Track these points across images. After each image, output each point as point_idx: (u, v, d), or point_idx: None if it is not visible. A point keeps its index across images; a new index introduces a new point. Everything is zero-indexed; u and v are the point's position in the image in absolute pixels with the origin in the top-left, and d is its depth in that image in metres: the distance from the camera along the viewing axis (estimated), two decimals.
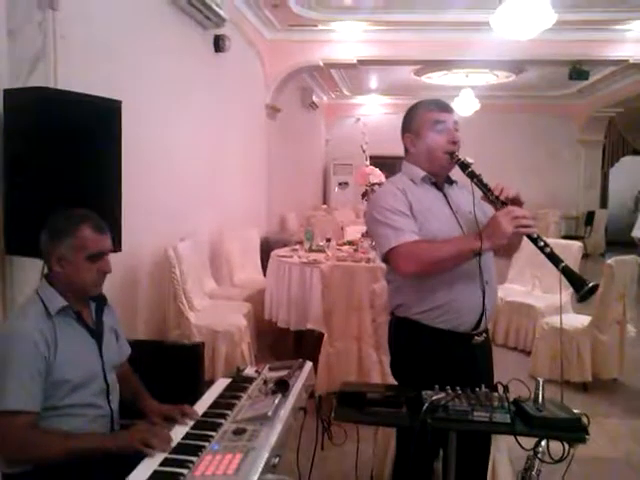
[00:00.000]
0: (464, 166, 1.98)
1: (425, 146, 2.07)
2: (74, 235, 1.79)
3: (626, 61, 7.46)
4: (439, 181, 2.12)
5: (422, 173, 2.10)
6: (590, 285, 1.75)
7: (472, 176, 1.96)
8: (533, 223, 1.84)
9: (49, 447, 1.66)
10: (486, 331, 2.12)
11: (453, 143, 2.03)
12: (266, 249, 6.01)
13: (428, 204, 2.05)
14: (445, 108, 2.08)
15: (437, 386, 1.73)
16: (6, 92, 2.44)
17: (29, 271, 2.55)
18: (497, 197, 1.90)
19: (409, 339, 2.09)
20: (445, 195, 2.11)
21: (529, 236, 1.84)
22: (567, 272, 1.79)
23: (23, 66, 2.75)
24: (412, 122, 2.11)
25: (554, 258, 1.81)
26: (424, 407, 1.65)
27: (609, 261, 4.20)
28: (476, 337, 2.05)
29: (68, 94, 2.44)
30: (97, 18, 3.47)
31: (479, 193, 1.97)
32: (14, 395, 1.65)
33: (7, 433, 1.66)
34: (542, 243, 1.82)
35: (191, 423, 1.73)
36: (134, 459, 1.51)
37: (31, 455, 1.68)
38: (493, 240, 1.84)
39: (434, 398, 1.68)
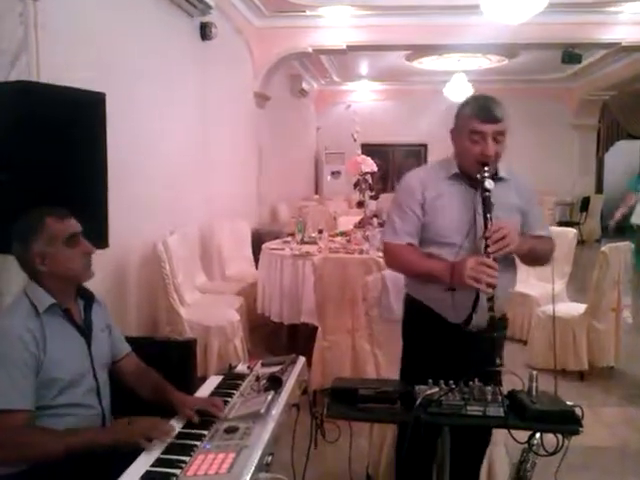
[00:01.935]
0: (483, 189, 1.96)
1: (460, 148, 2.09)
2: (42, 229, 1.79)
3: (618, 44, 7.40)
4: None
5: (454, 170, 2.11)
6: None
7: (484, 202, 1.95)
8: (494, 282, 1.84)
9: (46, 445, 1.65)
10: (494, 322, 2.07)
11: (485, 156, 1.99)
12: (257, 241, 5.94)
13: (446, 201, 2.09)
14: (488, 119, 1.99)
15: (431, 380, 1.74)
16: None
17: (14, 269, 2.50)
18: (487, 239, 1.90)
19: (410, 310, 2.26)
20: (475, 194, 2.05)
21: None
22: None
23: (4, 59, 2.74)
24: (457, 119, 2.10)
25: (493, 324, 1.88)
26: (417, 402, 1.64)
27: (603, 248, 4.20)
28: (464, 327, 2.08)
29: (50, 87, 2.43)
30: (80, 7, 3.41)
31: (505, 200, 2.03)
32: (7, 394, 1.65)
33: (2, 433, 1.64)
34: (490, 304, 1.86)
35: (183, 422, 1.72)
36: (127, 457, 1.50)
37: (28, 454, 1.66)
38: (456, 280, 1.92)
39: (427, 393, 1.67)
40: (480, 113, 2.00)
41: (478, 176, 1.98)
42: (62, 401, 1.76)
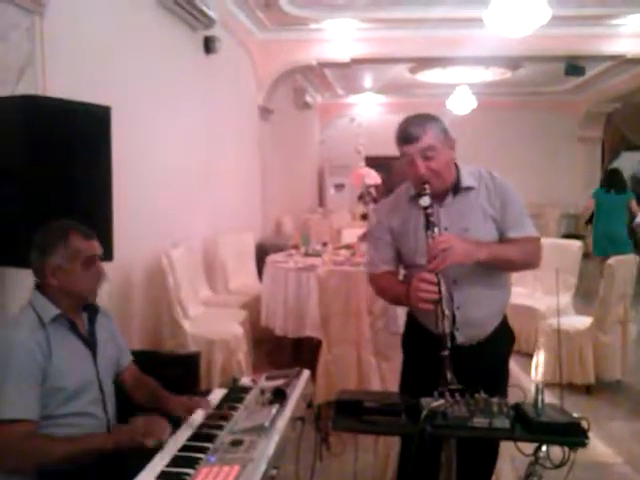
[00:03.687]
0: (422, 207, 1.94)
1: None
2: (65, 245, 1.81)
3: (622, 56, 7.42)
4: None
5: (412, 193, 2.09)
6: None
7: (425, 219, 1.92)
8: (432, 297, 1.83)
9: (49, 453, 1.66)
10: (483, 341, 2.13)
11: (418, 176, 1.97)
12: (261, 254, 5.92)
13: (411, 225, 2.08)
14: (405, 140, 1.98)
15: (436, 392, 1.71)
16: None
17: (23, 282, 2.50)
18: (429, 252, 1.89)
19: (409, 324, 2.28)
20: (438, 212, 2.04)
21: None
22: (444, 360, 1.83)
23: (11, 73, 2.75)
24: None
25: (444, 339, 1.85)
26: (423, 414, 1.62)
27: (609, 261, 4.17)
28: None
29: (56, 101, 2.42)
30: (85, 22, 3.44)
31: (473, 209, 2.03)
32: (13, 404, 1.65)
33: (7, 442, 1.65)
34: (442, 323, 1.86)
35: (187, 435, 1.71)
36: (131, 466, 1.51)
37: (31, 463, 1.67)
38: (413, 303, 1.91)
39: (433, 405, 1.65)
40: (400, 137, 2.01)
41: (413, 194, 2.01)
42: (67, 410, 1.78)
